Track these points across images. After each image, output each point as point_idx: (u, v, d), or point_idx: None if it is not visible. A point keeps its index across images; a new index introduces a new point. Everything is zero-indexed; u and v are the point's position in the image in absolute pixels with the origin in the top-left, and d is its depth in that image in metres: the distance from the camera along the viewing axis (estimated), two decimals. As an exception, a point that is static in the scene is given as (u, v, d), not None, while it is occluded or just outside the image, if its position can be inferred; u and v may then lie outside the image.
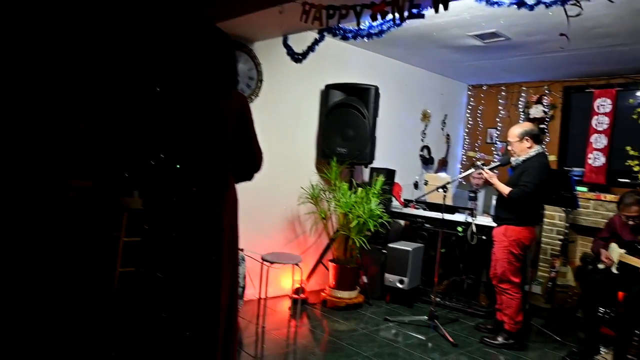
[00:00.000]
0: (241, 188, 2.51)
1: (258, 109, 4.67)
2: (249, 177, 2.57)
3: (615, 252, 4.13)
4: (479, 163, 4.34)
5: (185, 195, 2.30)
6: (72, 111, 3.70)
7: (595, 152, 5.64)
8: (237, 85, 2.48)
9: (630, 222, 4.10)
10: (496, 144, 6.75)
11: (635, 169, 5.32)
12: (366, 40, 3.98)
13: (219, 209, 2.37)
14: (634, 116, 5.40)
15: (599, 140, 5.65)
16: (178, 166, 2.28)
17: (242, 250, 4.40)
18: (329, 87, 5.11)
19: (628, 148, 5.40)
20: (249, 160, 2.48)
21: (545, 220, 5.63)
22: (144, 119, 2.46)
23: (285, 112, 4.94)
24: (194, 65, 2.33)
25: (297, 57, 4.62)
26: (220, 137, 2.36)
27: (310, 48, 4.37)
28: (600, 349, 3.81)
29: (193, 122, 2.32)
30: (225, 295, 2.41)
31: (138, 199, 4.01)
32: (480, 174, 4.38)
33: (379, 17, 3.07)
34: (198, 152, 2.33)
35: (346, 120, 4.98)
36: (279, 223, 4.97)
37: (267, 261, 4.04)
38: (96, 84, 3.71)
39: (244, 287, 4.21)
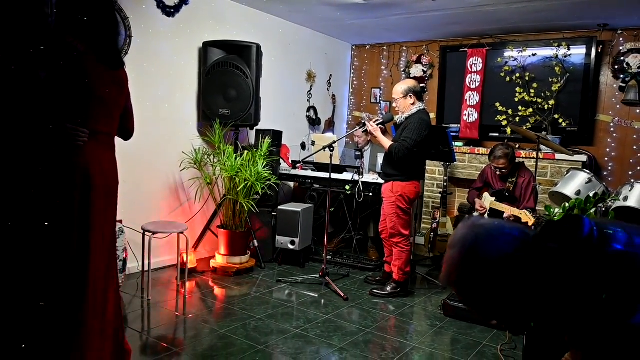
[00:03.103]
0: (117, 155, 2.38)
1: (127, 69, 4.28)
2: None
3: (487, 200, 4.45)
4: (364, 115, 4.40)
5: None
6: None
7: (469, 108, 5.96)
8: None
9: (498, 173, 4.44)
10: (380, 103, 6.90)
11: (504, 123, 5.70)
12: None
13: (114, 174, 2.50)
14: (502, 74, 5.75)
15: (472, 98, 5.97)
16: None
17: (120, 221, 4.11)
18: (207, 45, 4.82)
19: (497, 104, 5.76)
20: (128, 129, 2.64)
21: (427, 175, 5.91)
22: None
23: (160, 71, 4.58)
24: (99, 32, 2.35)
25: (169, 11, 4.33)
26: (119, 105, 2.48)
27: (183, 1, 4.09)
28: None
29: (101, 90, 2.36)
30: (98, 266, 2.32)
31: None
32: (364, 132, 4.44)
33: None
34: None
35: (227, 80, 4.76)
36: (160, 191, 4.70)
37: (148, 231, 3.81)
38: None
39: (124, 260, 3.95)
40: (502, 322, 1.30)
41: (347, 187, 4.84)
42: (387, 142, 4.13)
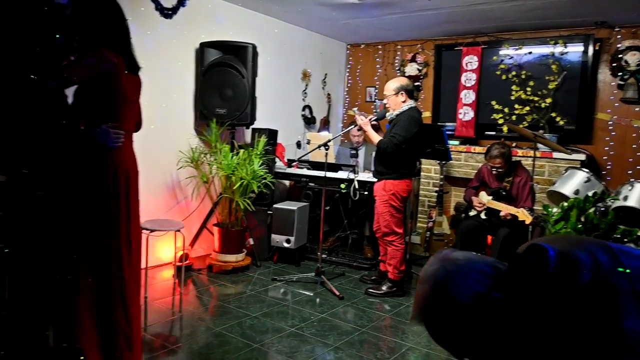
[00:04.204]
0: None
1: (126, 69, 4.32)
2: None
3: (484, 199, 4.46)
4: (355, 110, 4.42)
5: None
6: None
7: (465, 107, 5.97)
8: None
9: (495, 172, 4.44)
10: (375, 102, 6.91)
11: (500, 121, 5.70)
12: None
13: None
14: (498, 72, 5.74)
15: (467, 96, 5.97)
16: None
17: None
18: (204, 45, 4.84)
19: (493, 102, 5.76)
20: (140, 123, 2.84)
21: (422, 173, 5.92)
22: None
23: (157, 72, 4.57)
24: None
25: (167, 13, 4.35)
26: (138, 104, 2.78)
27: (181, 2, 4.12)
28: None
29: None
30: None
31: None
32: (359, 129, 4.44)
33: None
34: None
35: (224, 80, 4.78)
36: (157, 189, 4.71)
37: (145, 229, 3.81)
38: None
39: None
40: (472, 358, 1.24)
41: (343, 186, 4.85)
42: (376, 138, 4.14)
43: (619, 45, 5.17)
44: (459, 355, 1.24)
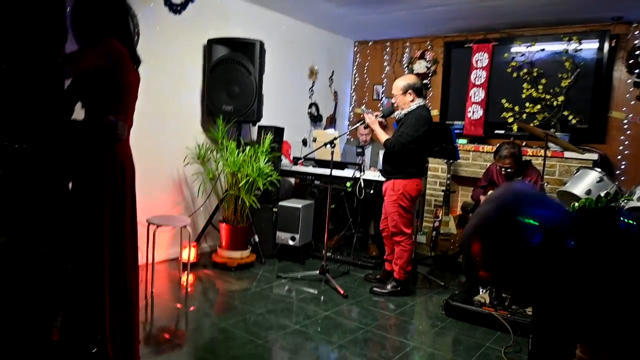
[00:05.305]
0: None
1: (133, 64, 4.32)
2: None
3: (492, 198, 4.40)
4: (363, 108, 4.39)
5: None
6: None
7: (474, 105, 5.91)
8: None
9: (504, 172, 4.38)
10: (382, 100, 6.86)
11: (510, 120, 5.63)
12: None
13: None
14: (509, 70, 5.67)
15: (477, 94, 5.91)
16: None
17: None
18: (212, 42, 4.83)
19: (503, 101, 5.69)
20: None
21: (429, 172, 5.87)
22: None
23: (165, 68, 4.60)
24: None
25: (176, 8, 4.36)
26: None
27: (189, -2, 4.11)
28: (480, 290, 4.05)
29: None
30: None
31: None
32: (366, 127, 4.40)
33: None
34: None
35: (231, 77, 4.77)
36: (164, 185, 4.72)
37: (152, 224, 3.82)
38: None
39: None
40: (516, 292, 1.22)
41: (348, 184, 4.82)
42: (383, 136, 4.10)
43: (636, 42, 5.03)
44: (503, 284, 1.22)
